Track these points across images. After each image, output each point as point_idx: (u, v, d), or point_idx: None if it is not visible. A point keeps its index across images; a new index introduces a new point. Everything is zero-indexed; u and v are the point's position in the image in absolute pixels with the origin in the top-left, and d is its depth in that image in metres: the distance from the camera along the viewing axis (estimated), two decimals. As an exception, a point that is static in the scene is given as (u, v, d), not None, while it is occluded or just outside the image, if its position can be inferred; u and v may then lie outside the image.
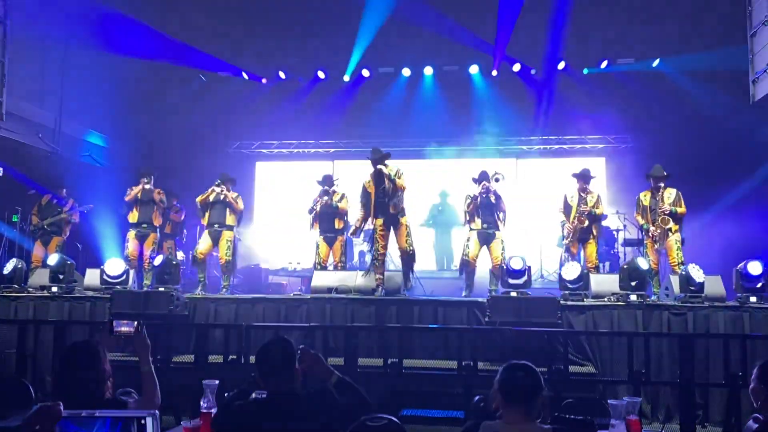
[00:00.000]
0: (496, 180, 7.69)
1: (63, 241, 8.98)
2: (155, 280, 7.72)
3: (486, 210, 7.74)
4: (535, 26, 11.12)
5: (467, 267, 7.79)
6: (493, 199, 7.69)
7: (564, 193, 8.30)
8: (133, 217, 8.56)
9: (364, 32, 11.32)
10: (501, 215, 7.75)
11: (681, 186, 7.71)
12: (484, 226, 7.73)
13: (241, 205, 8.48)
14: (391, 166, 7.60)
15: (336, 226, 8.44)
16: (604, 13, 10.75)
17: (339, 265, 8.32)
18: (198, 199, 8.47)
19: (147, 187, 8.59)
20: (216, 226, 8.30)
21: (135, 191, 8.56)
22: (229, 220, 8.35)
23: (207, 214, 8.40)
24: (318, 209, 8.47)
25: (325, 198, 8.47)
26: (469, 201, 7.85)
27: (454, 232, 11.44)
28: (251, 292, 8.73)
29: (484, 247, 7.78)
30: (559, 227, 8.54)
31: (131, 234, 8.56)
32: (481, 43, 11.61)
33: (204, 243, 8.36)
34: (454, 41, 11.41)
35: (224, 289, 8.11)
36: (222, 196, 8.30)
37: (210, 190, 8.37)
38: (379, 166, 7.49)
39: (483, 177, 7.81)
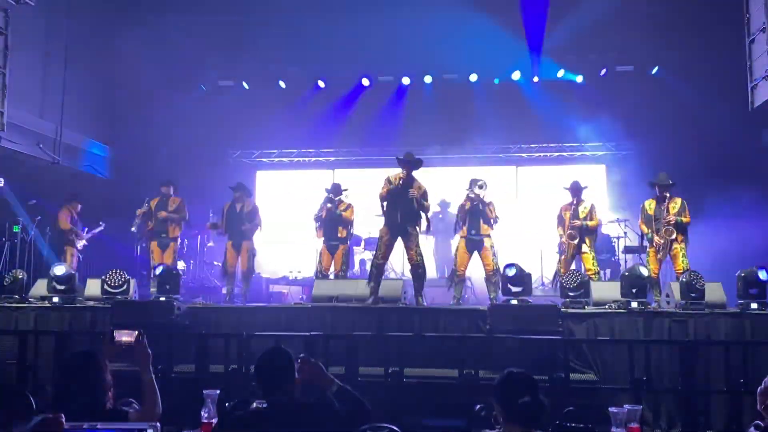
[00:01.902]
0: (480, 187, 7.77)
1: None
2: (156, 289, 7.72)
3: (474, 217, 7.79)
4: (536, 33, 11.17)
5: (454, 276, 7.86)
6: (480, 206, 7.74)
7: (559, 206, 8.32)
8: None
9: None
10: (490, 222, 7.78)
11: (680, 192, 7.71)
12: (472, 232, 7.79)
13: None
14: (421, 183, 7.56)
15: (339, 235, 8.47)
16: (603, 20, 10.78)
17: (339, 273, 8.34)
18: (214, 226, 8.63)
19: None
20: (237, 236, 8.40)
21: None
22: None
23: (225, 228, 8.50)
24: (323, 216, 8.49)
25: (329, 206, 8.49)
26: (459, 209, 7.95)
27: (454, 240, 11.42)
28: (252, 301, 8.73)
29: (475, 255, 7.82)
30: (558, 235, 8.51)
31: (153, 244, 8.75)
32: (481, 50, 11.64)
33: (230, 255, 8.42)
34: (454, 49, 11.45)
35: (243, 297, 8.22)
36: (238, 209, 8.42)
37: (220, 222, 8.48)
38: (408, 174, 7.44)
39: (471, 185, 7.88)
